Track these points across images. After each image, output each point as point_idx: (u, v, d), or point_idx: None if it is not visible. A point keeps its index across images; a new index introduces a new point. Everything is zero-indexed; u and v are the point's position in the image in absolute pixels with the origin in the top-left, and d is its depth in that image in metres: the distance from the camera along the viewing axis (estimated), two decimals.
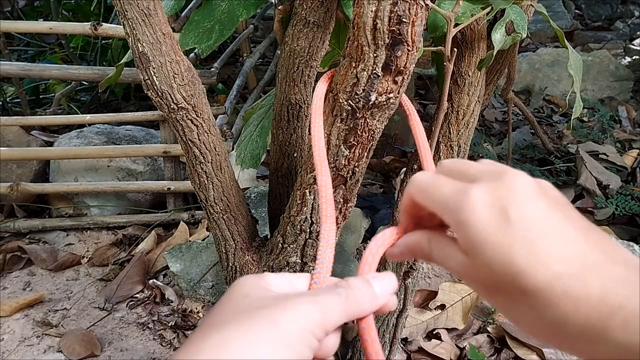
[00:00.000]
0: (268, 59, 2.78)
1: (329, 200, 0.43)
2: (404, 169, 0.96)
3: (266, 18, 2.74)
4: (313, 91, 0.82)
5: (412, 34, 0.51)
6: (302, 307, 0.31)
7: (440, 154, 0.85)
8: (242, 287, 0.34)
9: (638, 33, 3.50)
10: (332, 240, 0.39)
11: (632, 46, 3.23)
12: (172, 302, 1.41)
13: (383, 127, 0.63)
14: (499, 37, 0.68)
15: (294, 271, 0.79)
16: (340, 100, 0.58)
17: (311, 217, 0.72)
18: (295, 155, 0.86)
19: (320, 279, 0.36)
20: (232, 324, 0.30)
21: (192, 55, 1.55)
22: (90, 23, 1.52)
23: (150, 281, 1.47)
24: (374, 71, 0.54)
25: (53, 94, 2.23)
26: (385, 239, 0.39)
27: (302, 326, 0.30)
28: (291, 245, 0.76)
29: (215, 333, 0.29)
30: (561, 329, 0.29)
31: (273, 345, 0.29)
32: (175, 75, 0.69)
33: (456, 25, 0.66)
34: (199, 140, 0.74)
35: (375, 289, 0.34)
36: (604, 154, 1.93)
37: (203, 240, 1.54)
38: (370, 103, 0.57)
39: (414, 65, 0.55)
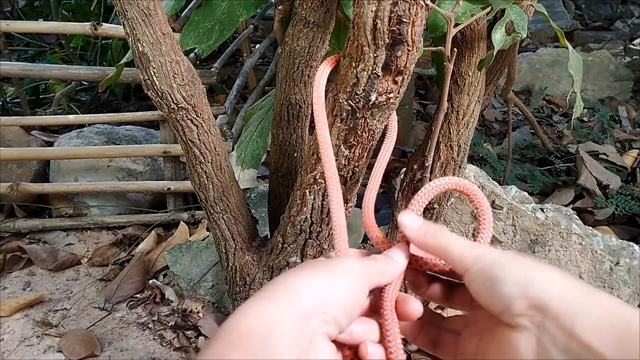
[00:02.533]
0: (268, 59, 2.78)
1: (335, 173, 0.50)
2: (404, 169, 0.96)
3: (266, 18, 2.74)
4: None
5: (412, 34, 0.51)
6: (352, 261, 0.39)
7: (440, 154, 0.85)
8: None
9: (638, 33, 3.50)
10: (344, 222, 0.47)
11: (632, 46, 3.23)
12: (172, 302, 1.41)
13: (383, 127, 0.63)
14: (499, 37, 0.68)
15: None
16: (340, 100, 0.58)
17: (311, 217, 0.72)
18: (295, 155, 0.86)
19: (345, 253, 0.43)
20: (297, 269, 0.36)
21: (192, 55, 1.55)
22: (90, 23, 1.52)
23: (150, 281, 1.47)
24: (374, 71, 0.54)
25: (53, 94, 2.23)
26: (430, 189, 0.45)
27: (353, 272, 0.38)
28: (291, 245, 0.76)
29: (283, 276, 0.35)
30: None
31: (332, 277, 0.36)
32: (175, 75, 0.69)
33: (456, 25, 0.66)
34: (199, 140, 0.74)
35: (395, 259, 0.42)
36: (604, 154, 1.93)
37: (203, 240, 1.54)
38: (370, 103, 0.57)
39: (414, 65, 0.55)
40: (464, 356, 0.41)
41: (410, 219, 0.42)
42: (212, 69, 1.65)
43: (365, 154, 0.65)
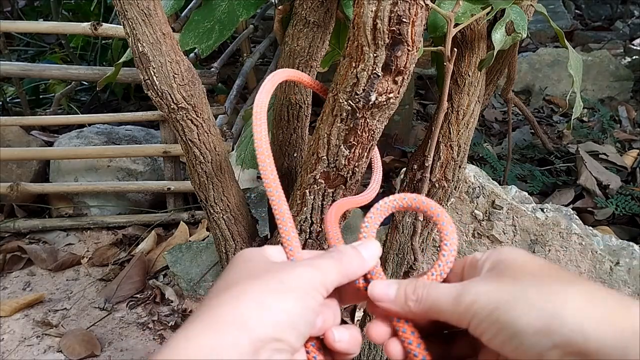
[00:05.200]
0: (268, 59, 2.78)
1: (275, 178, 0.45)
2: (404, 169, 0.96)
3: (266, 18, 2.74)
4: (313, 93, 0.82)
5: (412, 34, 0.51)
6: (304, 270, 0.34)
7: (440, 154, 0.85)
8: (245, 256, 0.37)
9: (638, 33, 3.50)
10: (288, 217, 0.42)
11: (632, 46, 3.23)
12: (172, 302, 1.41)
13: (383, 127, 0.63)
14: (499, 37, 0.68)
15: None
16: (340, 100, 0.58)
17: (311, 217, 0.72)
18: (295, 155, 0.86)
19: (296, 255, 0.39)
20: (244, 283, 0.32)
21: (192, 55, 1.55)
22: (90, 23, 1.52)
23: (150, 281, 1.47)
24: (374, 71, 0.54)
25: (53, 94, 2.23)
26: (384, 206, 0.42)
27: (306, 284, 0.33)
28: None
29: (228, 291, 0.31)
30: None
31: (285, 296, 0.31)
32: (175, 75, 0.69)
33: (456, 25, 0.66)
34: (199, 140, 0.74)
35: (362, 254, 0.38)
36: (604, 154, 1.93)
37: (203, 240, 1.54)
38: (370, 103, 0.57)
39: (414, 65, 0.55)
40: None
41: (381, 290, 0.36)
42: (212, 69, 1.65)
43: (365, 153, 0.65)
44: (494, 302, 0.30)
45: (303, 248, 0.78)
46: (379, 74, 0.54)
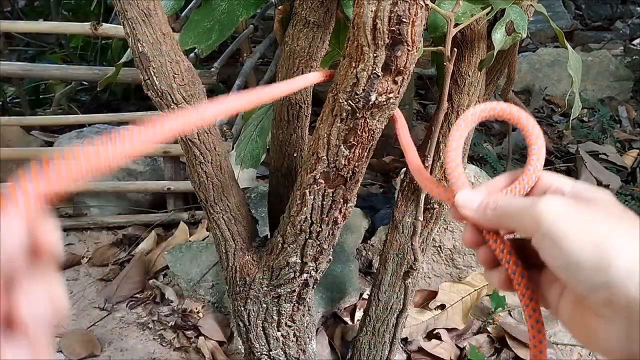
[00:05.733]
0: (268, 59, 2.78)
1: None
2: (404, 169, 0.96)
3: (266, 18, 2.74)
4: (313, 91, 0.82)
5: (412, 34, 0.51)
6: None
7: (440, 154, 0.85)
8: None
9: (638, 33, 3.50)
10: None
11: (632, 46, 3.23)
12: (172, 302, 1.41)
13: (383, 127, 0.63)
14: (499, 37, 0.68)
15: (294, 271, 0.79)
16: (340, 100, 0.58)
17: (311, 217, 0.72)
18: (295, 155, 0.86)
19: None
20: None
21: (192, 55, 1.55)
22: (90, 23, 1.52)
23: (150, 281, 1.47)
24: (374, 71, 0.54)
25: (53, 94, 2.23)
26: (475, 115, 0.39)
27: None
28: (291, 245, 0.76)
29: None
30: None
31: None
32: (175, 75, 0.69)
33: (456, 25, 0.66)
34: (199, 140, 0.74)
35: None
36: (604, 154, 1.93)
37: (203, 240, 1.54)
38: (370, 103, 0.57)
39: (414, 65, 0.55)
40: (561, 317, 0.34)
41: (466, 198, 0.37)
42: (212, 69, 1.65)
43: (365, 154, 0.65)
44: (562, 219, 0.30)
45: (303, 248, 0.78)
46: (379, 74, 0.54)
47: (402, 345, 1.25)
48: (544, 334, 0.36)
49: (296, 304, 0.85)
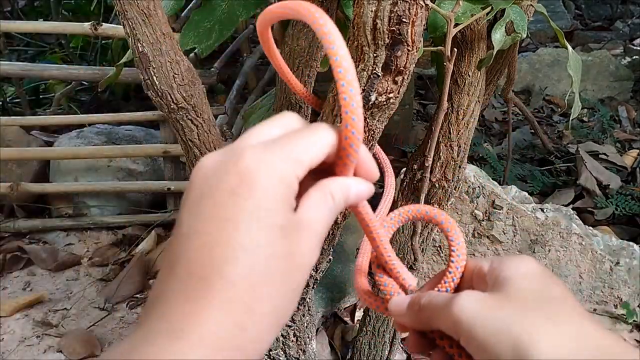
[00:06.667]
0: (268, 59, 2.78)
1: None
2: (404, 169, 0.96)
3: None
4: (313, 92, 0.82)
5: (412, 34, 0.51)
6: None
7: (440, 154, 0.85)
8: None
9: (638, 33, 3.50)
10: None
11: (632, 46, 3.23)
12: None
13: (383, 127, 0.63)
14: (499, 37, 0.68)
15: None
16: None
17: None
18: None
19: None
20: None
21: (192, 55, 1.55)
22: (90, 23, 1.52)
23: (150, 281, 1.47)
24: (374, 71, 0.54)
25: (53, 94, 2.23)
26: (397, 218, 0.42)
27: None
28: None
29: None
30: None
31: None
32: (175, 75, 0.69)
33: (456, 25, 0.66)
34: (199, 140, 0.74)
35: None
36: (604, 154, 1.93)
37: None
38: (370, 103, 0.57)
39: (414, 65, 0.55)
40: None
41: (397, 303, 0.37)
42: (212, 69, 1.65)
43: None
44: (478, 322, 0.31)
45: None
46: (379, 74, 0.54)
47: (402, 345, 1.25)
48: None
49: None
